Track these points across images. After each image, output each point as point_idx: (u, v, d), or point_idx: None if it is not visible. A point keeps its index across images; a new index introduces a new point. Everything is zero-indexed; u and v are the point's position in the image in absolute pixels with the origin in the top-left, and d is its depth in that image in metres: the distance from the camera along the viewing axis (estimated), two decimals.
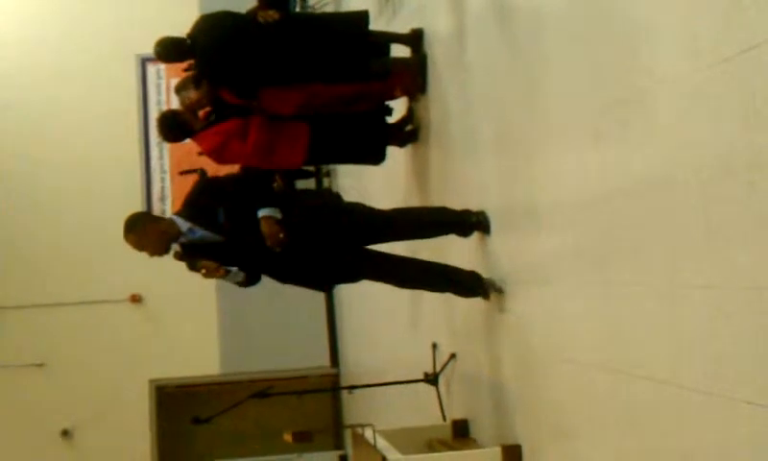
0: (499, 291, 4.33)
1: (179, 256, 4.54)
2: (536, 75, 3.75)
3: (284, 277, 4.72)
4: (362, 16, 5.62)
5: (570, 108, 3.37)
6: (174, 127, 6.05)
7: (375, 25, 6.25)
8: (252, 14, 5.48)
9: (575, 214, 3.37)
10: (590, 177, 3.19)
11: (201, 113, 5.93)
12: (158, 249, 4.50)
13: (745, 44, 2.16)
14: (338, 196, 5.00)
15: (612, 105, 2.95)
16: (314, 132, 5.76)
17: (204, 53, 5.53)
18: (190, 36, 5.57)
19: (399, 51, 5.93)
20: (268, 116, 5.70)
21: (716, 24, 2.31)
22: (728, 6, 2.25)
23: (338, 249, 4.54)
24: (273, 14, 5.37)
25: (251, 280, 4.69)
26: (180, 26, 5.72)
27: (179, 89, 5.94)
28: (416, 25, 5.81)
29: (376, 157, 6.07)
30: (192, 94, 5.78)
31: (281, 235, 4.36)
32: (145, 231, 4.49)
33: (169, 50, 5.65)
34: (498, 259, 4.38)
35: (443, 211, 4.81)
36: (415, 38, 5.77)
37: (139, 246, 4.52)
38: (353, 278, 4.78)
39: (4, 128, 12.26)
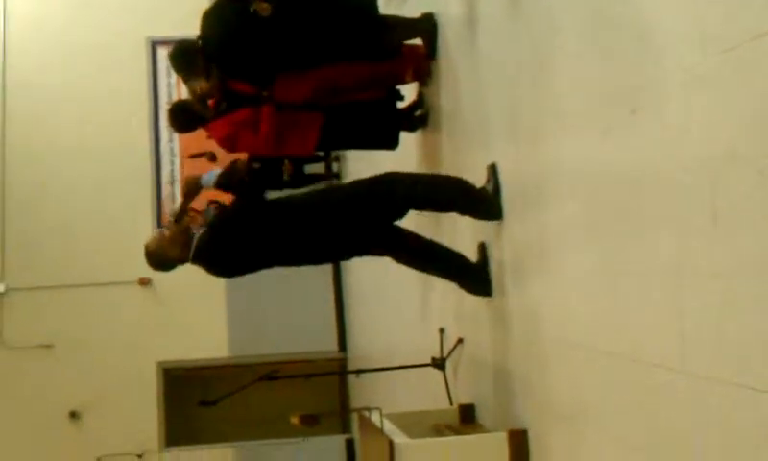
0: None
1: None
2: (546, 61, 3.75)
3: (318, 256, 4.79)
4: None
5: (580, 94, 3.37)
6: (185, 117, 6.07)
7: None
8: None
9: (584, 201, 3.38)
10: (599, 164, 3.20)
11: (210, 102, 5.94)
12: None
13: (753, 32, 2.17)
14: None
15: (621, 92, 2.96)
16: (326, 119, 5.75)
17: (217, 51, 5.51)
18: (200, 37, 5.54)
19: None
20: (279, 106, 5.69)
21: (724, 12, 2.31)
22: None
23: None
24: (265, 8, 5.31)
25: None
26: (190, 9, 5.71)
27: (188, 79, 5.95)
28: (426, 11, 5.81)
29: (390, 143, 6.08)
30: (203, 84, 5.79)
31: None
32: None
33: (183, 58, 5.62)
34: (506, 244, 4.38)
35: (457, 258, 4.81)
36: (426, 21, 5.77)
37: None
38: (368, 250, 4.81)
39: (14, 110, 12.30)
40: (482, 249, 4.64)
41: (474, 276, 4.65)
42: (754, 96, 2.19)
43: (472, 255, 4.74)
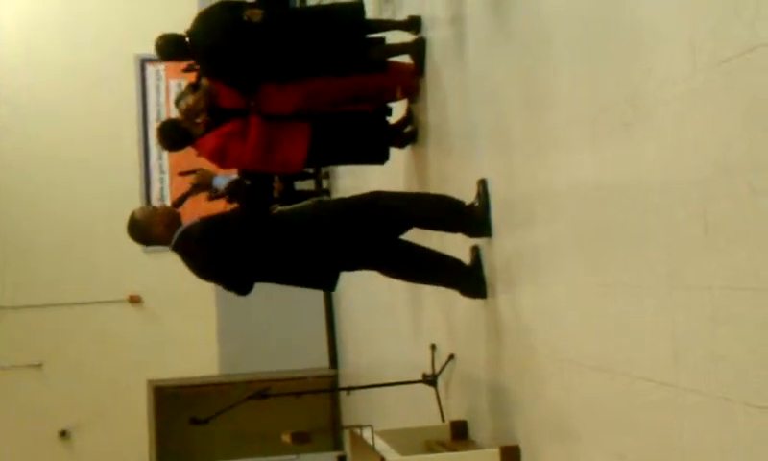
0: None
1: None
2: (536, 75, 3.75)
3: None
4: (356, 7, 5.63)
5: (570, 107, 3.37)
6: (174, 135, 6.08)
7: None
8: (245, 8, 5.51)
9: (574, 215, 3.37)
10: (589, 177, 3.19)
11: (200, 120, 5.94)
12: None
13: (745, 46, 2.17)
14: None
15: (611, 105, 2.95)
16: (315, 133, 5.76)
17: (205, 51, 5.56)
18: (190, 33, 5.59)
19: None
20: (267, 117, 5.70)
21: (716, 26, 2.31)
22: (727, 8, 2.26)
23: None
24: (257, 14, 5.37)
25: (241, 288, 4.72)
26: (180, 27, 5.74)
27: (178, 100, 5.98)
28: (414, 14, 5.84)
29: (380, 157, 6.08)
30: (190, 99, 5.81)
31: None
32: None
33: (168, 46, 5.69)
34: (497, 259, 4.38)
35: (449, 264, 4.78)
36: (413, 24, 5.79)
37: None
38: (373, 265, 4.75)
39: (3, 128, 12.27)
40: (475, 251, 4.62)
41: (469, 278, 4.61)
42: (745, 109, 2.19)
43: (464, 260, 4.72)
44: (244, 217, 4.66)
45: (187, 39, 5.61)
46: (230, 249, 4.47)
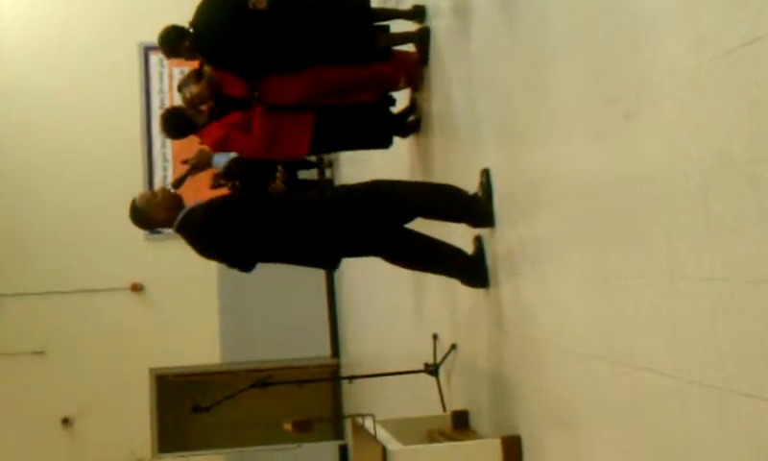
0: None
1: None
2: (539, 66, 3.75)
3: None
4: None
5: (573, 98, 3.37)
6: (177, 123, 6.08)
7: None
8: None
9: (576, 206, 3.37)
10: (592, 168, 3.19)
11: (203, 108, 5.94)
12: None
13: (748, 36, 2.16)
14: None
15: (614, 95, 2.95)
16: (319, 121, 5.76)
17: (209, 41, 5.54)
18: (192, 24, 5.58)
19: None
20: (270, 107, 5.70)
21: (719, 16, 2.30)
22: None
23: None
24: (262, 1, 5.37)
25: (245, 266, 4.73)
26: (183, 14, 5.73)
27: (181, 87, 5.97)
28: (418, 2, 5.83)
29: (383, 142, 6.09)
30: (193, 89, 5.81)
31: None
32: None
33: (171, 39, 5.66)
34: (499, 249, 4.38)
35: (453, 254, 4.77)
36: (417, 13, 5.79)
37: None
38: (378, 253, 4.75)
39: (5, 115, 12.27)
40: (478, 241, 4.62)
41: (471, 267, 4.62)
42: (748, 100, 2.18)
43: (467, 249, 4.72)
44: (245, 196, 4.69)
45: (191, 31, 5.59)
46: (233, 227, 4.50)
